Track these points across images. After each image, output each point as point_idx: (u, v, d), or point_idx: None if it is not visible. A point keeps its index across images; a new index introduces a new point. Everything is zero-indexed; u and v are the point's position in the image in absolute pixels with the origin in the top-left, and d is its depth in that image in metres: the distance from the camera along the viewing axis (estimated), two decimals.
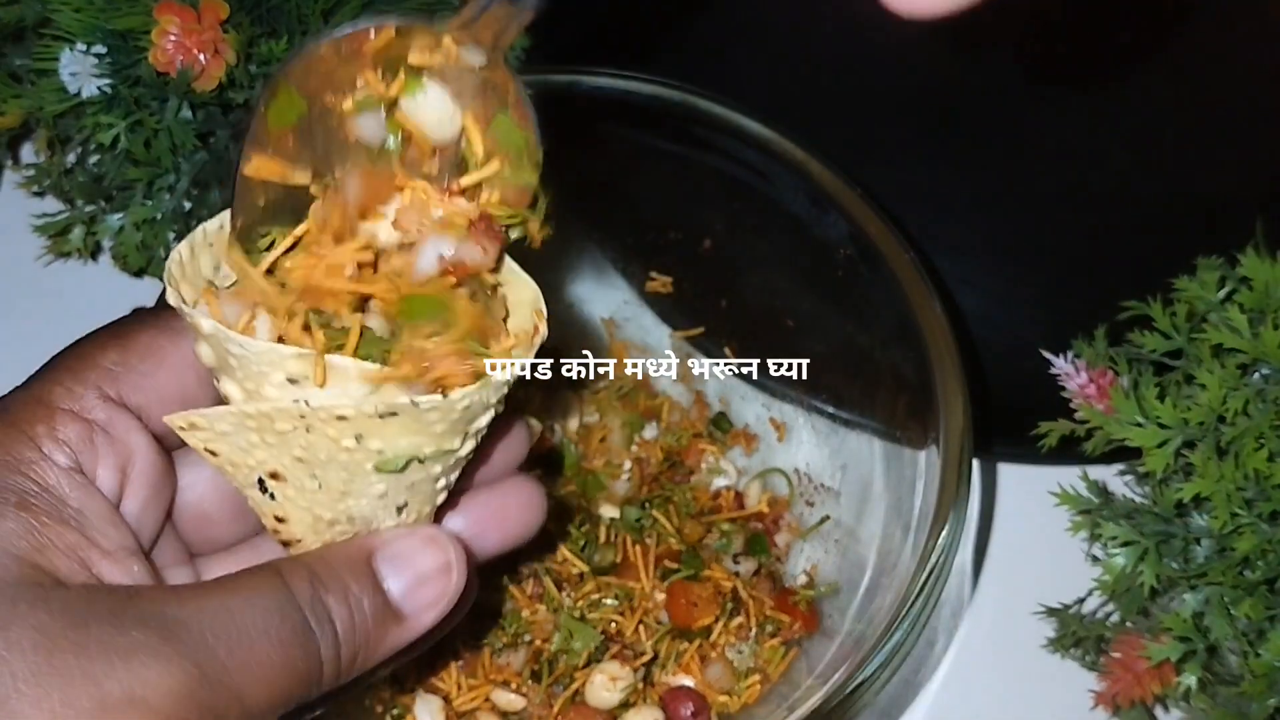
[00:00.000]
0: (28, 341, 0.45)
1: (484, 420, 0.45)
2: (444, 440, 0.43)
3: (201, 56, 0.66)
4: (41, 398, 0.43)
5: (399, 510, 0.45)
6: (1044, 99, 0.83)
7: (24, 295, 0.78)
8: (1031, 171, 0.81)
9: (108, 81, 0.67)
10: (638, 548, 0.68)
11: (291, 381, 0.42)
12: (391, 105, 0.44)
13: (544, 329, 0.45)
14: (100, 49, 0.67)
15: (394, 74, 0.44)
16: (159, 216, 0.70)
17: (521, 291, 0.47)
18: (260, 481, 0.44)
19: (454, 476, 0.46)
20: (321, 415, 0.41)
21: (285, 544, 0.46)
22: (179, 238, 0.72)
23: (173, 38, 0.65)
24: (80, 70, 0.66)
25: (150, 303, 0.66)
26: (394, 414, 0.41)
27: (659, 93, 0.66)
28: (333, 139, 0.44)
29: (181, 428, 0.43)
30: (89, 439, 0.43)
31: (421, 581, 0.44)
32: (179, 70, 0.66)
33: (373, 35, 0.43)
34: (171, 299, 0.43)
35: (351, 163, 0.44)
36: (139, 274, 0.74)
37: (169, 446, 0.46)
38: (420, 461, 0.43)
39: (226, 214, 0.45)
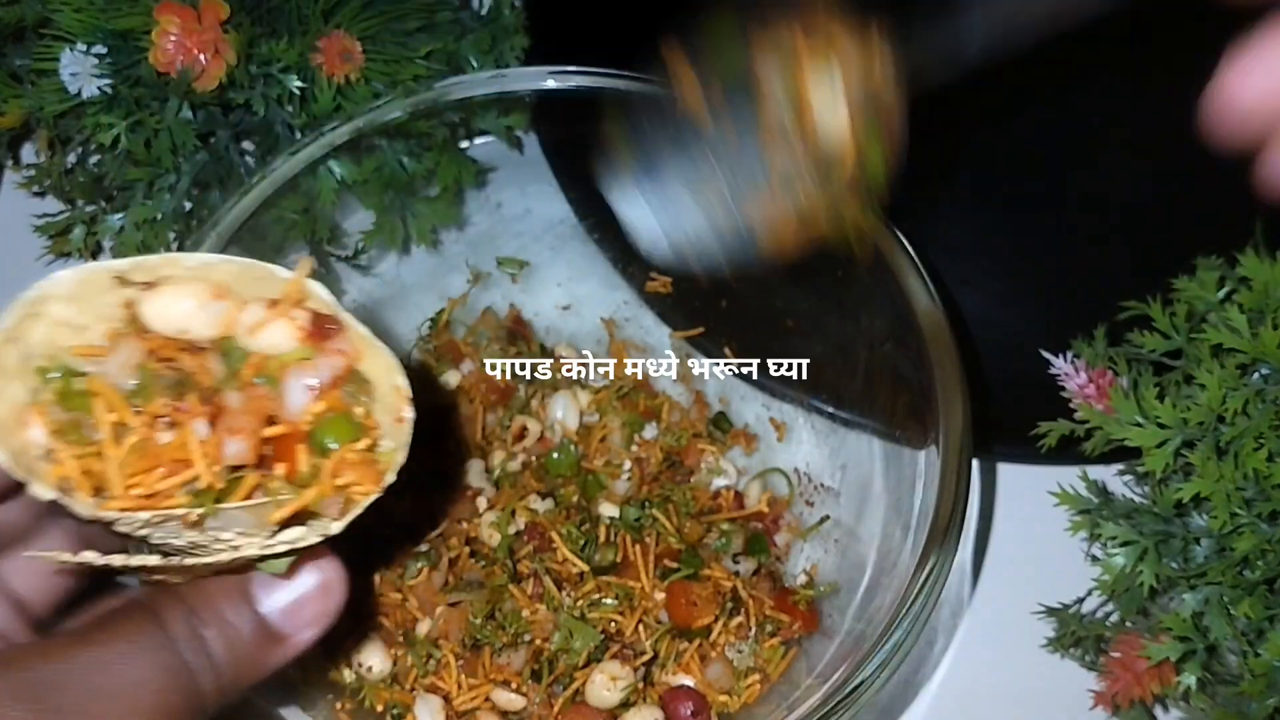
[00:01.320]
0: None
1: None
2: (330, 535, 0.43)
3: (202, 57, 0.66)
4: None
5: None
6: (1044, 99, 0.83)
7: None
8: (1031, 171, 0.81)
9: (108, 82, 0.67)
10: (637, 547, 0.68)
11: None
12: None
13: (410, 412, 0.43)
14: (100, 49, 0.67)
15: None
16: (159, 216, 0.70)
17: (376, 360, 0.44)
18: (140, 573, 0.43)
19: None
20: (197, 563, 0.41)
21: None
22: (179, 238, 0.72)
23: (173, 38, 0.66)
24: (81, 70, 0.67)
25: None
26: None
27: (658, 93, 0.66)
28: None
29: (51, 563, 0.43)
30: None
31: (300, 603, 0.44)
32: (179, 70, 0.66)
33: None
34: (39, 492, 0.39)
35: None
36: None
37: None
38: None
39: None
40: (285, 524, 0.41)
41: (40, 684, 0.38)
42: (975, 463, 0.60)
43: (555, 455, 0.71)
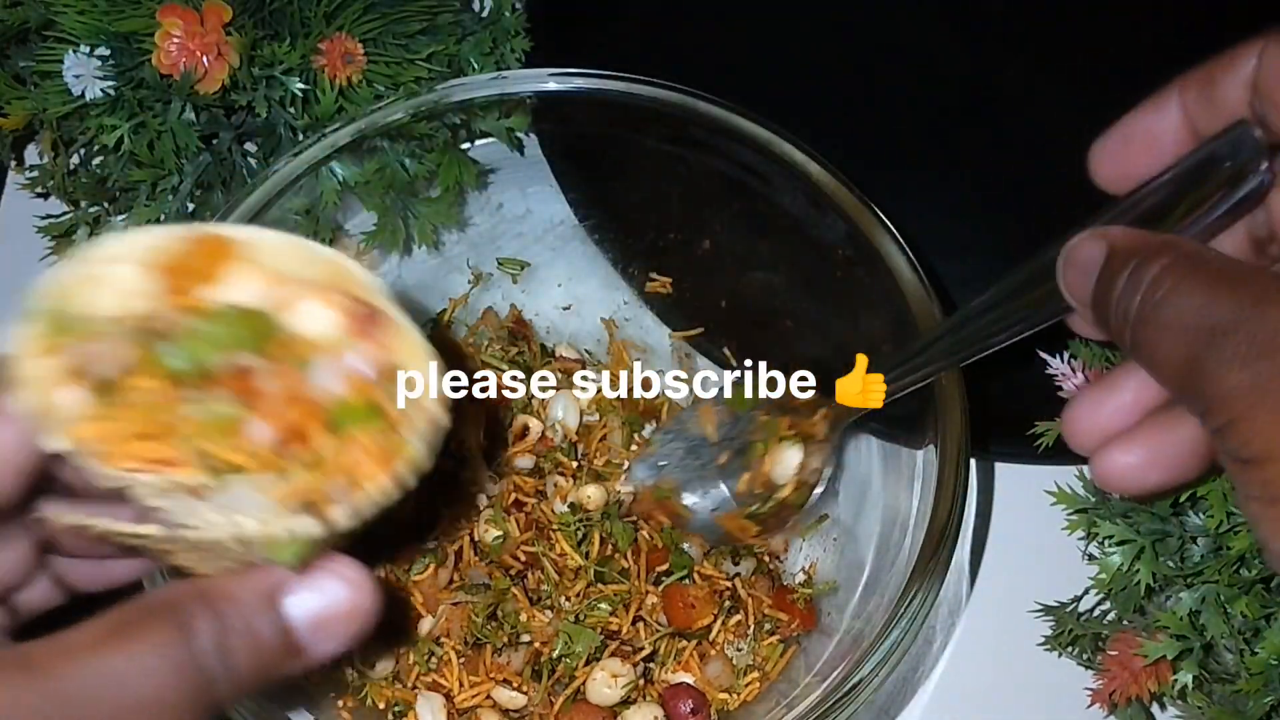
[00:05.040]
0: None
1: None
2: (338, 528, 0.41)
3: (205, 59, 0.66)
4: None
5: None
6: (1046, 98, 0.83)
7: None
8: (1032, 172, 0.81)
9: (111, 83, 0.67)
10: (629, 551, 0.68)
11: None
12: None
13: (445, 420, 0.41)
14: (104, 51, 0.67)
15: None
16: (162, 218, 0.70)
17: (417, 360, 0.42)
18: (143, 546, 0.42)
19: None
20: (200, 540, 0.40)
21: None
22: None
23: (176, 40, 0.66)
24: (84, 72, 0.67)
25: None
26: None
27: (658, 94, 0.66)
28: None
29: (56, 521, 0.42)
30: None
31: (328, 621, 0.43)
32: (182, 72, 0.66)
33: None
34: (51, 443, 0.39)
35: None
36: None
37: None
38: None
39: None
40: (295, 512, 0.40)
41: (69, 698, 0.37)
42: (973, 462, 0.60)
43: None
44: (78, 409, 0.40)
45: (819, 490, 0.67)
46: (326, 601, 0.43)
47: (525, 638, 0.65)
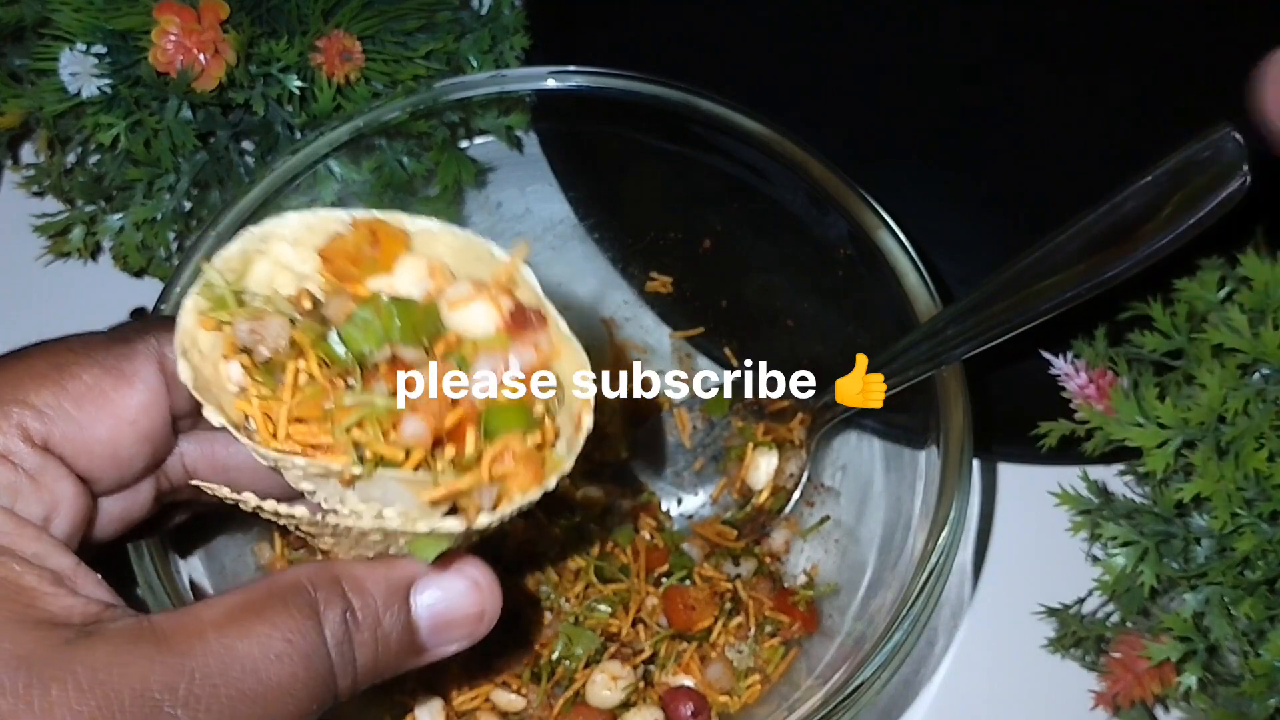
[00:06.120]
0: (27, 342, 0.45)
1: None
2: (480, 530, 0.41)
3: (201, 56, 0.66)
4: None
5: None
6: (1048, 98, 0.83)
7: (24, 295, 0.78)
8: (1033, 171, 0.81)
9: (108, 81, 0.67)
10: (629, 549, 0.68)
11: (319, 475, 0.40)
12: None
13: (589, 420, 0.41)
14: (100, 49, 0.67)
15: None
16: (159, 216, 0.70)
17: (569, 361, 0.43)
18: (289, 525, 0.42)
19: None
20: (345, 524, 0.40)
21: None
22: (179, 238, 0.72)
23: (173, 38, 0.65)
24: (80, 70, 0.66)
25: (149, 303, 0.66)
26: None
27: (659, 93, 0.66)
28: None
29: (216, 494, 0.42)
30: (11, 485, 0.40)
31: (452, 623, 0.43)
32: (179, 70, 0.66)
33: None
34: (212, 417, 0.40)
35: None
36: (139, 274, 0.74)
37: (96, 491, 0.44)
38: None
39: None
40: (440, 511, 0.40)
41: (198, 677, 0.37)
42: (975, 463, 0.60)
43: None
44: (240, 385, 0.41)
45: (796, 495, 0.67)
46: (453, 602, 0.43)
47: (525, 640, 0.65)
